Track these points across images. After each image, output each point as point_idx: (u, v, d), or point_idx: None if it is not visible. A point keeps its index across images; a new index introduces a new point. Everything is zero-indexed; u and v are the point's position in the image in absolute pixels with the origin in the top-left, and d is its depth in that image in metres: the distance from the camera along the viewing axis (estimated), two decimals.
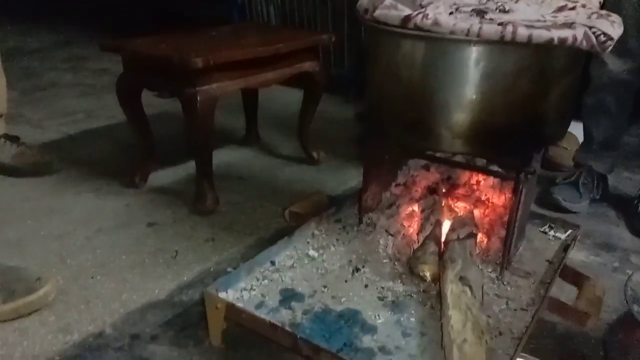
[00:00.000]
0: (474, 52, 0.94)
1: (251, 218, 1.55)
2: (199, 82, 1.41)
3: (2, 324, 1.10)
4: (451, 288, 1.00)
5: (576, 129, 2.03)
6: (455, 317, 0.94)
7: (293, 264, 1.17)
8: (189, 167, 1.85)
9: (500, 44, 0.92)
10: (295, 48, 1.65)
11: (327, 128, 2.29)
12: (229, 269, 1.26)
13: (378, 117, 1.14)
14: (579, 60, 1.04)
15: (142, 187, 1.71)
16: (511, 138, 1.01)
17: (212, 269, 1.30)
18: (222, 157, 1.98)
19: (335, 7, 2.86)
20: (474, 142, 1.02)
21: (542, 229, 1.36)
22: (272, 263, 1.16)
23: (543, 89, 1.00)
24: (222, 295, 1.03)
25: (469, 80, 0.97)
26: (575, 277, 1.16)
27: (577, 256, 1.42)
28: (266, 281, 1.11)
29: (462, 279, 1.02)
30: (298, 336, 0.92)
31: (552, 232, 1.35)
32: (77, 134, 2.24)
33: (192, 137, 1.48)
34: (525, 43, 0.90)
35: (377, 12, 1.01)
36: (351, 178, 1.83)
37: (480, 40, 0.92)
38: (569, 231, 1.34)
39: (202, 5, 3.91)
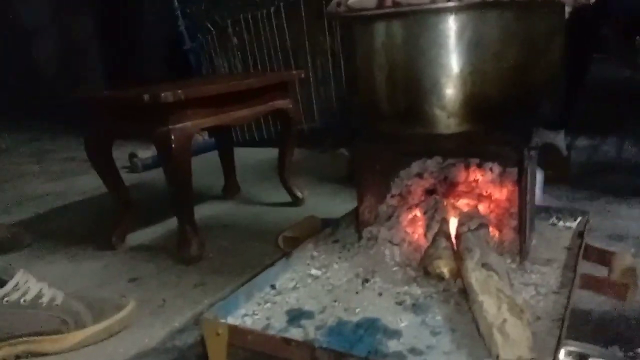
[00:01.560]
0: (457, 22, 0.91)
1: (242, 259, 1.43)
2: (171, 120, 1.34)
3: None
4: (475, 276, 0.91)
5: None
6: (487, 302, 0.84)
7: (295, 284, 1.06)
8: (169, 224, 1.75)
9: (483, 10, 0.90)
10: (267, 84, 1.62)
11: (307, 175, 2.23)
12: None
13: (367, 115, 1.09)
14: (561, 26, 1.02)
15: (120, 248, 1.59)
16: (506, 110, 0.97)
17: (205, 312, 1.17)
18: (203, 211, 1.89)
19: (299, 67, 2.89)
20: (469, 118, 0.97)
21: (550, 222, 1.29)
22: (273, 287, 1.05)
23: (530, 56, 0.96)
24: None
25: (456, 52, 0.93)
26: (601, 255, 1.08)
27: None
28: (269, 304, 0.99)
29: (484, 265, 0.93)
30: (316, 346, 0.80)
31: (561, 223, 1.29)
32: (46, 212, 2.12)
33: (170, 178, 1.39)
34: (508, 3, 0.88)
35: (351, 1, 0.98)
36: (340, 211, 1.74)
37: (462, 7, 0.89)
38: (579, 218, 1.27)
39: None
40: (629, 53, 4.37)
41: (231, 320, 0.93)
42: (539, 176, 1.67)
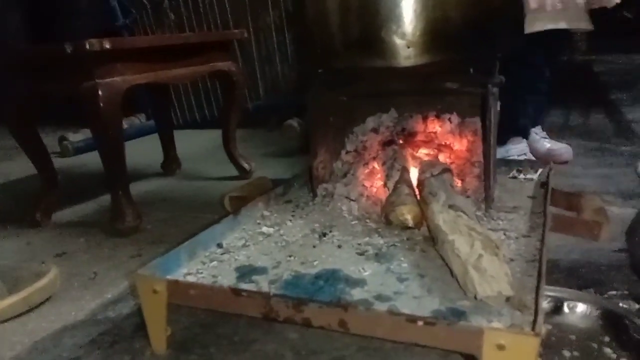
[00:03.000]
0: None
1: (183, 230, 1.30)
2: (98, 73, 1.20)
3: None
4: (442, 217, 0.83)
5: None
6: (459, 240, 0.76)
7: (245, 242, 0.95)
8: (102, 201, 1.59)
9: None
10: (205, 40, 1.49)
11: (255, 152, 2.11)
12: None
13: (321, 55, 0.98)
14: None
15: (45, 225, 1.42)
16: (468, 38, 0.89)
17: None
18: (140, 187, 1.74)
19: (244, 45, 2.74)
20: (430, 47, 0.88)
21: (510, 175, 1.24)
22: (219, 245, 0.93)
23: None
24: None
25: None
26: (568, 199, 1.03)
27: None
28: (215, 263, 0.87)
29: (451, 207, 0.85)
30: (271, 294, 0.69)
31: (522, 175, 1.24)
32: None
33: (99, 139, 1.24)
34: None
35: None
36: None
37: None
38: (540, 170, 1.23)
39: None
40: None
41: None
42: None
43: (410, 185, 0.99)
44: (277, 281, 0.80)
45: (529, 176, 1.23)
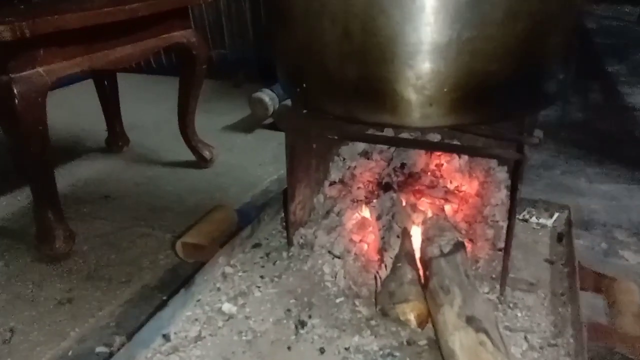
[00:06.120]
0: None
1: (127, 255, 1.08)
2: (14, 65, 0.91)
3: None
4: (460, 339, 0.64)
5: None
6: None
7: (199, 332, 0.75)
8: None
9: None
10: (158, 9, 1.18)
11: (216, 120, 1.85)
12: (97, 349, 0.80)
13: (305, 87, 0.74)
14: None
15: None
16: (510, 95, 0.66)
17: (70, 352, 0.83)
18: (79, 171, 1.48)
19: None
20: (460, 107, 0.65)
21: (521, 216, 1.05)
22: (166, 337, 0.73)
23: (542, 26, 0.65)
24: None
25: (452, 7, 0.60)
26: (597, 281, 0.85)
27: None
28: None
29: (470, 321, 0.66)
30: None
31: (534, 219, 1.05)
32: None
33: (17, 149, 0.98)
34: None
35: None
36: (259, 178, 1.41)
37: None
38: (555, 215, 1.04)
39: None
40: None
41: None
42: None
43: (412, 261, 0.79)
44: None
45: (542, 220, 1.04)
